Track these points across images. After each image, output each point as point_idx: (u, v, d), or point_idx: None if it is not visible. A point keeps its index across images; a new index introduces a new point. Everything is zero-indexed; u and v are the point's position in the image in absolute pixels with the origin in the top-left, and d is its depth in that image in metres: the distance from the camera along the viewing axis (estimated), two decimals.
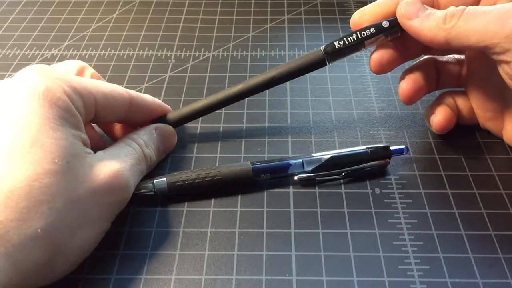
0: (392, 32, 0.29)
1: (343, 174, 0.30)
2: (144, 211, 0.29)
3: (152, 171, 0.30)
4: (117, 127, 0.32)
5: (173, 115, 0.32)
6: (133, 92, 0.30)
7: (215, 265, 0.26)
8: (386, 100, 0.36)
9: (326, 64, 0.30)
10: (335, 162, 0.30)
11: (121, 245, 0.27)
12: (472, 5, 0.28)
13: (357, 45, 0.30)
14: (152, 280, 0.25)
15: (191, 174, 0.29)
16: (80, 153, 0.24)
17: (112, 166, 0.25)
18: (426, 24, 0.27)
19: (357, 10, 0.30)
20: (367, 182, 0.30)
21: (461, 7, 0.26)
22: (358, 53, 0.31)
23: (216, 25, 0.45)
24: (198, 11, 0.47)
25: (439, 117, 0.31)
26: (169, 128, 0.31)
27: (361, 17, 0.30)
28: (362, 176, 0.30)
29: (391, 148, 0.30)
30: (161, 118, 0.32)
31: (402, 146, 0.30)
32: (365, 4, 0.31)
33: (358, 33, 0.29)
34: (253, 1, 0.48)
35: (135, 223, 0.28)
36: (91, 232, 0.24)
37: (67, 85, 0.25)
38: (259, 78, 0.31)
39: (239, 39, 0.43)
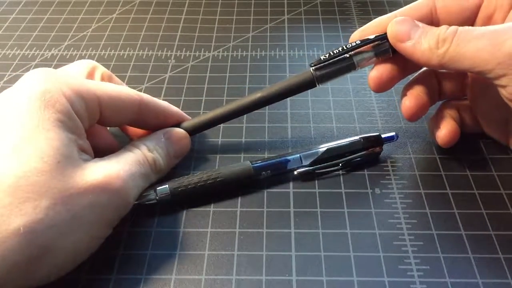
0: (383, 53, 0.29)
1: (340, 164, 0.30)
2: (144, 211, 0.29)
3: None
4: (138, 131, 0.31)
5: (187, 124, 0.31)
6: (145, 95, 0.29)
7: (215, 265, 0.26)
8: (386, 100, 0.36)
9: (315, 86, 0.30)
10: (331, 154, 0.30)
11: (121, 245, 0.27)
12: (469, 18, 0.28)
13: (347, 65, 0.29)
14: (152, 280, 0.25)
15: (193, 178, 0.29)
16: (73, 156, 0.24)
17: (107, 168, 0.25)
18: (419, 47, 0.26)
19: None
20: (367, 182, 0.30)
21: (453, 28, 0.26)
22: None
23: (216, 25, 0.45)
24: (198, 11, 0.47)
25: (444, 132, 0.30)
26: (180, 131, 0.31)
27: (360, 37, 0.29)
28: (359, 165, 0.31)
29: (382, 136, 0.31)
30: (175, 126, 0.31)
31: (393, 133, 0.31)
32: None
33: (343, 46, 0.29)
34: (253, 1, 0.48)
35: (135, 223, 0.28)
36: (84, 235, 0.23)
37: (68, 87, 0.25)
38: (276, 86, 0.30)
39: (239, 39, 0.43)
